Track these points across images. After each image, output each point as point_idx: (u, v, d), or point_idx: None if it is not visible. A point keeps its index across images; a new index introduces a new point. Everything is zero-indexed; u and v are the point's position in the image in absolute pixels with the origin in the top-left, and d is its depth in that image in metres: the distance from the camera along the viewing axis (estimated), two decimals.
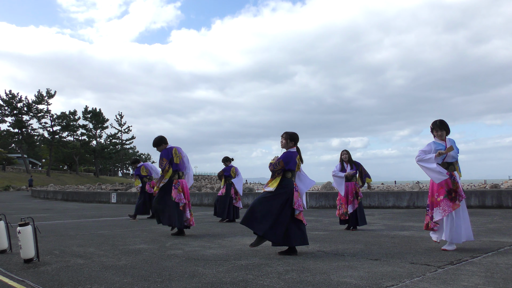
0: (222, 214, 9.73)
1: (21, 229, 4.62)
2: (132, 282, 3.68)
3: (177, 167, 6.98)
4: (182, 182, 6.98)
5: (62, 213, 13.73)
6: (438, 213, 5.11)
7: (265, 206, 5.02)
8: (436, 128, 5.32)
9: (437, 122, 5.33)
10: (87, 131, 71.98)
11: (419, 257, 4.65)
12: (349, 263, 4.39)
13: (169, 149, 7.01)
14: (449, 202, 5.08)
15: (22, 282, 3.75)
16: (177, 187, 6.84)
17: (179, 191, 6.84)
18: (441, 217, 5.09)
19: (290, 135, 5.32)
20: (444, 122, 5.33)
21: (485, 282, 3.47)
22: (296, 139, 5.35)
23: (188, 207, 6.96)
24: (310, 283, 3.53)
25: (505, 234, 6.54)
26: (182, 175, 7.05)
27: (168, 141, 7.17)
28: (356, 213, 7.57)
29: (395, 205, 13.53)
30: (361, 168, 7.89)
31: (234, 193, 9.87)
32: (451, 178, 5.16)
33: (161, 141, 7.09)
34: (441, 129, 5.29)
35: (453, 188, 5.11)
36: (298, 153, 5.34)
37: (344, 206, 7.64)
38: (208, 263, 4.48)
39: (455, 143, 5.35)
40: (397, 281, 3.53)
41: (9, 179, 50.57)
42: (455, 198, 5.08)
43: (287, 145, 5.30)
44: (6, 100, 58.23)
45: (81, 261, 4.71)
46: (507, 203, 12.19)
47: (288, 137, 5.30)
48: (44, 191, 29.42)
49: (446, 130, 5.32)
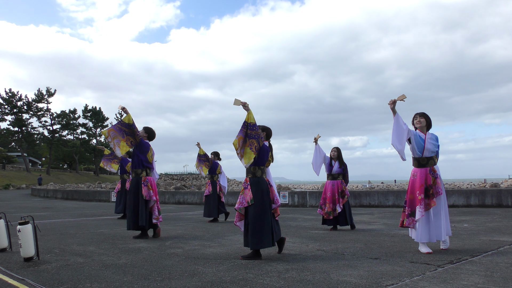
0: (214, 213, 9.65)
1: (21, 227, 4.62)
2: (132, 280, 3.69)
3: (149, 165, 6.80)
4: (150, 179, 6.79)
5: (62, 211, 13.73)
6: (418, 212, 4.92)
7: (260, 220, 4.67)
8: (416, 115, 5.17)
9: (418, 112, 5.19)
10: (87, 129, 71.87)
11: (419, 256, 4.65)
12: (349, 262, 4.39)
13: (148, 145, 6.86)
14: (426, 200, 4.93)
15: (22, 280, 3.75)
16: (147, 184, 6.65)
17: (149, 188, 6.66)
18: (420, 216, 4.90)
19: (264, 129, 5.03)
20: (425, 113, 5.19)
21: (484, 281, 3.47)
22: (269, 133, 5.09)
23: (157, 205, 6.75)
24: (310, 282, 3.53)
25: (505, 233, 6.54)
26: (149, 172, 6.85)
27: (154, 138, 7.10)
28: (345, 212, 7.44)
29: (395, 204, 13.53)
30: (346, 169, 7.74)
31: (219, 189, 9.86)
32: (430, 173, 5.01)
33: (152, 132, 7.01)
34: (421, 116, 5.13)
35: (432, 184, 4.96)
36: (270, 149, 5.05)
37: (329, 205, 7.44)
38: (208, 262, 4.48)
39: (438, 140, 5.18)
40: (397, 280, 3.53)
41: (9, 178, 50.54)
42: (432, 195, 4.93)
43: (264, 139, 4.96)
44: (6, 99, 58.13)
45: (81, 259, 4.72)
46: (507, 202, 12.19)
47: (261, 129, 4.96)
48: (44, 189, 29.42)
49: (426, 119, 5.13)
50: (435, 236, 4.93)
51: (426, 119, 5.14)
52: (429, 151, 5.05)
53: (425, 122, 5.13)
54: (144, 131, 6.98)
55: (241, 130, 4.74)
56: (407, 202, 5.11)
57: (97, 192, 22.88)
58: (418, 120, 5.13)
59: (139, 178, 6.68)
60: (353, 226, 7.61)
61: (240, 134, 4.73)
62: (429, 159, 5.08)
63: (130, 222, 6.59)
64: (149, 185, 6.67)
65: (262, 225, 4.66)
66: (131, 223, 6.58)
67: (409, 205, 5.08)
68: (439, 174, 5.07)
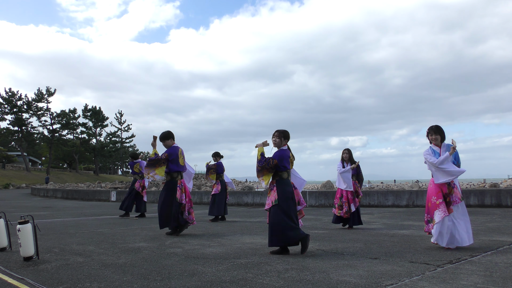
0: (223, 211, 9.76)
1: (20, 227, 4.62)
2: (131, 280, 3.69)
3: (180, 168, 7.03)
4: (183, 182, 7.06)
5: (61, 211, 13.73)
6: (437, 215, 5.12)
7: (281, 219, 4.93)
8: (431, 132, 5.36)
9: (432, 127, 5.39)
10: (87, 129, 71.82)
11: (419, 256, 4.66)
12: (348, 262, 4.39)
13: (176, 148, 7.02)
14: (445, 206, 5.13)
15: (22, 280, 3.75)
16: (181, 188, 6.92)
17: (182, 191, 6.92)
18: (441, 218, 5.07)
19: (283, 133, 5.23)
20: (440, 127, 5.38)
21: (484, 281, 3.48)
22: (289, 137, 5.29)
23: (190, 204, 7.04)
24: (310, 282, 3.53)
25: (504, 233, 6.55)
26: (181, 175, 7.10)
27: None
28: (358, 212, 7.66)
29: (395, 204, 13.54)
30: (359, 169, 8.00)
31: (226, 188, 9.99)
32: (447, 183, 5.18)
33: (169, 135, 7.08)
34: (436, 133, 5.33)
35: (448, 192, 5.16)
36: (289, 150, 5.30)
37: (346, 205, 7.61)
38: (208, 262, 4.48)
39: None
40: (397, 280, 3.53)
41: (9, 177, 50.53)
42: (450, 203, 5.13)
43: (281, 144, 5.21)
44: (6, 98, 58.10)
45: (81, 259, 4.72)
46: (506, 202, 12.20)
47: (282, 135, 5.21)
48: (44, 189, 29.40)
49: (441, 135, 5.34)
50: (454, 242, 5.07)
51: (441, 135, 5.34)
52: None
53: (440, 138, 5.33)
54: (165, 138, 7.04)
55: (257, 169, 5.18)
56: (426, 209, 5.37)
57: (97, 191, 22.87)
58: (434, 137, 5.34)
59: (175, 181, 6.93)
60: (351, 225, 7.67)
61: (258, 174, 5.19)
62: None
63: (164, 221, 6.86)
64: (183, 188, 6.96)
65: (284, 224, 4.88)
66: (165, 222, 6.86)
67: (427, 212, 5.33)
68: (456, 184, 5.21)
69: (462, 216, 5.15)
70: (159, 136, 7.08)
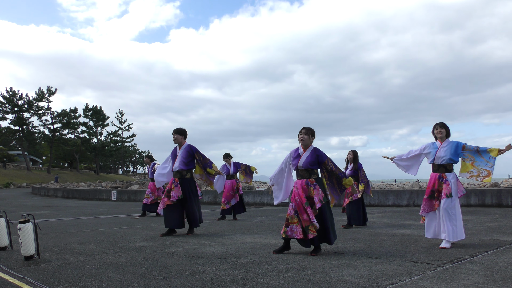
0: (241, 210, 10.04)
1: (21, 226, 4.63)
2: (132, 279, 3.69)
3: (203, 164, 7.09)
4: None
5: (62, 210, 13.74)
6: (421, 209, 5.48)
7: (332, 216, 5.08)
8: (437, 126, 5.49)
9: (438, 122, 5.53)
10: (87, 128, 71.82)
11: (419, 255, 4.66)
12: (349, 261, 4.40)
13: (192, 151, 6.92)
14: (428, 201, 5.37)
15: (23, 279, 3.75)
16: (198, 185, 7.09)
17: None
18: (420, 213, 5.46)
19: (311, 131, 5.08)
20: (445, 123, 5.52)
21: (484, 280, 3.48)
22: (313, 133, 5.15)
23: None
24: (310, 281, 3.53)
25: (504, 232, 6.55)
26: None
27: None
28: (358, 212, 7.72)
29: (395, 203, 13.53)
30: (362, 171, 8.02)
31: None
32: (440, 179, 5.33)
33: (185, 132, 7.00)
34: (442, 127, 5.45)
35: (438, 188, 5.32)
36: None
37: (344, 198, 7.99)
38: (208, 261, 4.49)
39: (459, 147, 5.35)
40: (397, 280, 3.53)
41: (10, 177, 50.57)
42: (437, 198, 5.30)
43: (309, 141, 5.06)
44: (7, 97, 58.11)
45: (82, 258, 4.72)
46: (507, 202, 12.19)
47: (310, 132, 5.05)
48: (45, 188, 29.42)
49: (446, 129, 5.45)
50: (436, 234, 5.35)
51: (446, 129, 5.45)
52: (440, 159, 5.34)
53: (445, 132, 5.44)
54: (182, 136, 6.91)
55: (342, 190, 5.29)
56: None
57: (98, 191, 22.89)
58: (439, 130, 5.46)
59: (193, 179, 6.95)
60: (350, 224, 7.74)
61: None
62: (440, 166, 5.37)
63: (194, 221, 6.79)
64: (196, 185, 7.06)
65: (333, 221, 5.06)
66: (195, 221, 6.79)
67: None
68: (450, 180, 5.29)
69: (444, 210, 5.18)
70: (177, 130, 6.90)
